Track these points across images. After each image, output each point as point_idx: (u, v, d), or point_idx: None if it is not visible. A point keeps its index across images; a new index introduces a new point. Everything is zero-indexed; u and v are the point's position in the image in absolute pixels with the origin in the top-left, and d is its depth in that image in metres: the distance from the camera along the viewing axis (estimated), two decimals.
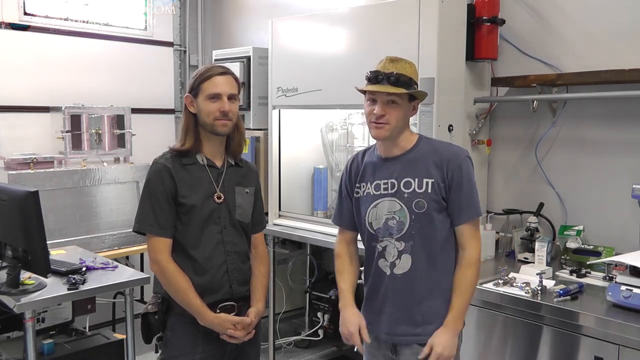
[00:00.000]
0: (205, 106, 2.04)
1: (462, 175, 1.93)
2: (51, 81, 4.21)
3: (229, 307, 2.09)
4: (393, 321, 2.00)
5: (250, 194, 2.19)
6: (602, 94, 2.69)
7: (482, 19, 2.93)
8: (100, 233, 3.96)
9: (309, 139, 3.81)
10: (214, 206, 2.08)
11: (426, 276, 1.96)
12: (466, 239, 1.96)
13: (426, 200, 1.93)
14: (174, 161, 2.07)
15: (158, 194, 2.03)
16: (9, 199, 2.53)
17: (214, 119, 2.04)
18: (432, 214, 1.94)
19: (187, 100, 2.09)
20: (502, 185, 3.19)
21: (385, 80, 1.88)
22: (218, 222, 2.09)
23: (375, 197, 2.00)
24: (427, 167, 1.95)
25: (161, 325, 2.10)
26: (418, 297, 1.96)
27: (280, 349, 3.85)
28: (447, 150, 1.99)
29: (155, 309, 2.10)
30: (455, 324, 1.93)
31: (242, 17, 4.77)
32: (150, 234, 2.05)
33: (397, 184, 1.96)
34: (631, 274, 2.20)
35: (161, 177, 2.04)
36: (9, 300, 2.50)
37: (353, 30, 3.19)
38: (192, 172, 2.08)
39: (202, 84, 2.05)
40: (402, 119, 1.94)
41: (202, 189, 2.08)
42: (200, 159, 2.10)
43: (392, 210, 1.97)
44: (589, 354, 2.14)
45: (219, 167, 2.13)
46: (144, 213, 2.05)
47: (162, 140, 4.78)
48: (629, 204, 2.59)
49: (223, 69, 2.10)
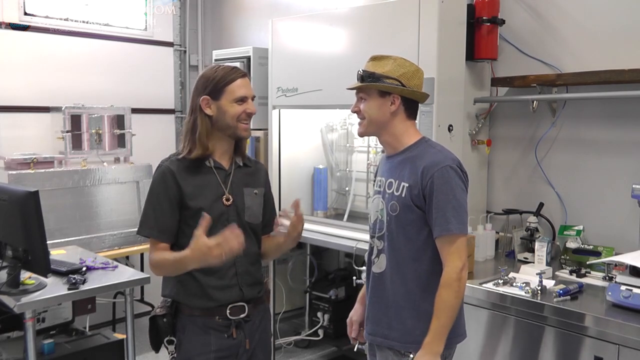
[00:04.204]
0: (231, 108, 2.00)
1: (434, 186, 1.83)
2: (51, 81, 4.22)
3: (239, 307, 2.06)
4: (369, 320, 2.03)
5: (259, 194, 2.16)
6: (602, 94, 2.69)
7: (482, 19, 2.93)
8: (100, 233, 3.96)
9: (309, 139, 3.81)
10: (222, 209, 2.04)
11: (395, 281, 1.93)
12: (443, 255, 1.85)
13: (399, 204, 1.90)
14: (179, 163, 2.03)
15: (160, 197, 2.01)
16: (9, 199, 2.54)
17: (239, 121, 2.02)
18: (402, 219, 1.90)
19: (204, 102, 2.01)
20: (502, 185, 3.19)
21: (358, 78, 1.96)
22: (227, 225, 1.99)
23: (374, 193, 2.06)
24: (407, 171, 1.91)
25: (170, 328, 2.06)
26: (387, 300, 1.96)
27: (280, 349, 3.85)
28: (430, 157, 1.89)
29: (164, 311, 2.07)
30: (431, 346, 1.81)
31: (242, 17, 4.77)
32: (150, 237, 2.03)
33: (384, 183, 1.99)
34: (631, 274, 2.20)
35: (164, 181, 2.01)
36: (9, 300, 2.50)
37: (353, 30, 3.19)
38: (199, 174, 2.04)
39: (227, 87, 2.00)
40: (375, 113, 1.94)
41: (210, 191, 2.04)
42: (207, 162, 2.06)
43: (378, 208, 2.00)
44: (589, 353, 2.14)
45: (227, 168, 2.09)
46: (146, 216, 2.03)
47: (162, 140, 4.86)
48: (628, 204, 2.59)
49: (240, 71, 2.06)
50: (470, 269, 2.64)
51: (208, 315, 2.03)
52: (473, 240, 2.73)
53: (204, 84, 2.03)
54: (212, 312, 2.03)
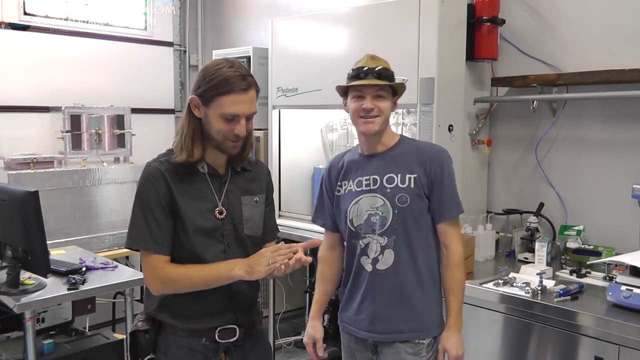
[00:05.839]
0: (216, 124, 1.71)
1: (444, 173, 1.97)
2: (51, 81, 4.21)
3: (229, 330, 1.81)
4: (374, 319, 2.00)
5: (260, 202, 1.89)
6: (602, 94, 2.69)
7: (482, 19, 2.93)
8: (100, 233, 3.97)
9: (309, 139, 3.80)
10: (215, 223, 1.78)
11: (409, 272, 1.97)
12: (449, 237, 1.99)
13: (409, 194, 1.95)
14: (169, 166, 1.76)
15: (151, 203, 1.73)
16: (9, 199, 2.54)
17: (224, 139, 1.74)
18: (414, 209, 1.96)
19: (192, 102, 1.74)
20: (502, 185, 3.19)
21: (371, 75, 1.93)
22: (221, 240, 1.79)
23: (356, 193, 2.02)
24: (410, 164, 1.98)
25: (151, 346, 1.82)
26: (400, 293, 1.97)
27: (280, 349, 3.85)
28: (430, 148, 2.06)
29: (146, 326, 1.82)
30: (457, 324, 1.98)
31: (242, 17, 4.77)
32: (145, 250, 1.75)
33: (380, 180, 1.99)
34: (631, 274, 2.20)
35: (154, 184, 1.73)
36: (9, 300, 2.50)
37: (353, 30, 3.19)
38: (190, 181, 1.77)
39: (217, 97, 1.69)
40: (388, 112, 1.98)
41: (201, 202, 1.78)
42: (200, 166, 1.79)
43: (374, 205, 1.98)
44: (589, 354, 2.14)
45: (222, 175, 1.83)
46: (136, 226, 1.74)
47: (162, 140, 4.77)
48: (629, 204, 2.59)
49: (246, 82, 1.72)
50: (471, 269, 2.64)
51: (194, 336, 1.79)
52: (473, 240, 2.73)
53: (199, 80, 1.75)
54: (198, 333, 1.79)
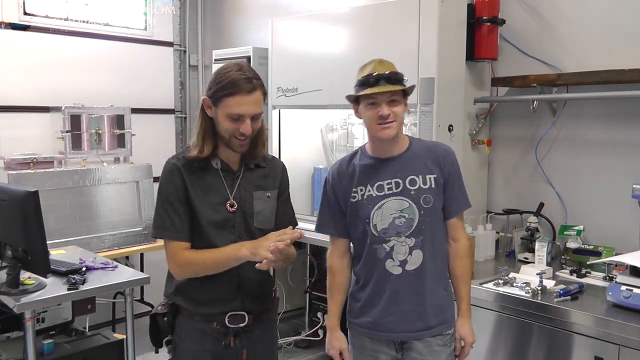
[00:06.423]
0: (224, 123, 1.88)
1: (455, 170, 2.06)
2: (51, 81, 4.21)
3: (239, 316, 1.97)
4: (406, 319, 2.02)
5: (272, 197, 2.04)
6: (602, 94, 2.69)
7: (482, 19, 2.93)
8: (100, 233, 3.95)
9: (309, 139, 3.80)
10: (225, 215, 1.95)
11: (433, 268, 2.04)
12: (459, 230, 2.10)
13: (432, 195, 2.01)
14: (186, 161, 1.94)
15: (170, 197, 1.92)
16: (9, 199, 2.53)
17: (231, 137, 1.90)
18: (437, 208, 2.03)
19: (205, 103, 1.92)
20: (502, 185, 3.19)
21: (383, 81, 1.92)
22: (233, 232, 1.95)
23: (378, 198, 2.01)
24: (427, 164, 2.03)
25: (169, 328, 2.02)
26: (428, 290, 2.02)
27: (281, 349, 3.85)
28: (438, 147, 2.12)
29: (164, 310, 2.02)
30: (469, 311, 2.10)
31: (242, 17, 4.77)
32: (169, 239, 1.94)
33: (402, 183, 2.00)
34: (631, 274, 2.21)
35: (172, 179, 1.93)
36: (9, 300, 2.49)
37: (353, 30, 3.19)
38: (204, 176, 1.95)
39: (224, 98, 1.86)
40: (402, 116, 2.02)
41: (213, 195, 1.95)
42: (214, 162, 1.96)
43: (399, 208, 2.00)
44: (589, 354, 2.14)
45: (235, 170, 1.99)
46: (160, 218, 1.94)
47: (162, 140, 4.86)
48: (629, 204, 2.59)
49: (251, 84, 1.86)
50: (471, 269, 2.63)
51: (206, 320, 1.97)
52: (473, 240, 2.73)
53: (211, 82, 1.93)
54: (210, 317, 1.97)
